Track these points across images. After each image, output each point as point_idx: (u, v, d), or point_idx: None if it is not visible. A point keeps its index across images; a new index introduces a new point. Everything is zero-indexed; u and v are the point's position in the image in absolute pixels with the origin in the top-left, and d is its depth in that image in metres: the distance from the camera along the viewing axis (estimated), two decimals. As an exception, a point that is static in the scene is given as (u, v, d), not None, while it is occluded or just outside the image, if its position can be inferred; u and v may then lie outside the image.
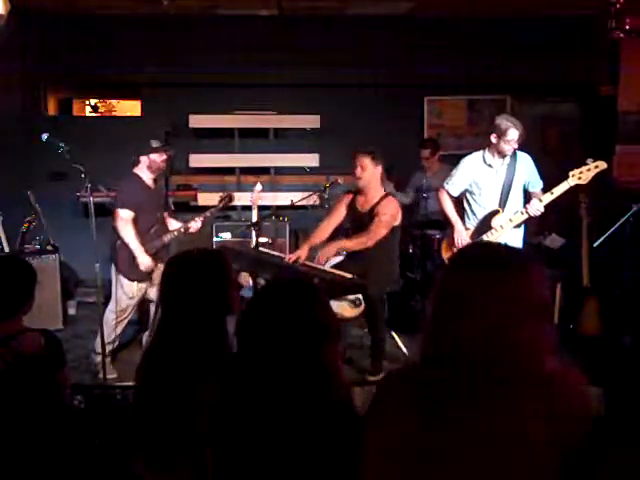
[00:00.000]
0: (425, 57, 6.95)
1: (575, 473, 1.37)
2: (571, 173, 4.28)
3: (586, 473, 1.38)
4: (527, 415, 1.35)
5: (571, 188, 4.32)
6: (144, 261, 4.52)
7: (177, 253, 2.20)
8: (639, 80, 6.33)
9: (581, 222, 4.89)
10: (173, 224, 4.91)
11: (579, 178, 4.28)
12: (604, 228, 5.09)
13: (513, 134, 4.27)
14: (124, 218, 4.46)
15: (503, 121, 4.34)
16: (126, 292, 4.56)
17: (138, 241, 4.51)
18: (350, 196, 4.73)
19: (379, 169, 4.50)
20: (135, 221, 4.51)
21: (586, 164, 4.28)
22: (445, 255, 4.69)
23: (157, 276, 4.60)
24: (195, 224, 4.86)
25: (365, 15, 6.76)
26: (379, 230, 4.39)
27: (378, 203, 4.46)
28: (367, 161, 4.45)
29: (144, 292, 4.67)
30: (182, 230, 4.84)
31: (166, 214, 4.90)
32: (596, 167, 4.27)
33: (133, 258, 4.51)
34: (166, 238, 4.72)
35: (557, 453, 1.35)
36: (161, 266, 4.59)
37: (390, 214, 4.41)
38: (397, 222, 4.49)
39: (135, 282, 4.58)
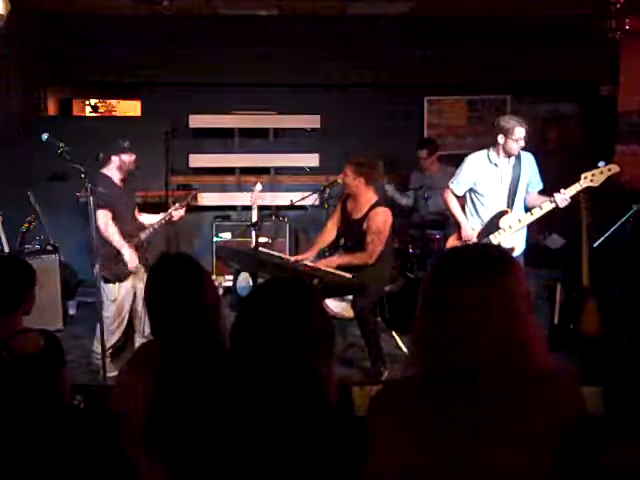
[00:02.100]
0: (425, 57, 6.95)
1: (575, 472, 1.37)
2: (583, 175, 4.26)
3: (586, 472, 1.38)
4: (532, 411, 1.36)
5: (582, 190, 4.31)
6: (131, 258, 4.50)
7: (155, 262, 2.22)
8: (639, 80, 6.32)
9: (581, 222, 4.88)
10: (149, 219, 4.84)
11: (591, 180, 4.26)
12: (604, 228, 5.09)
13: (520, 132, 4.26)
14: (105, 218, 4.42)
15: (508, 120, 4.34)
16: (109, 296, 4.52)
17: (122, 239, 4.48)
18: (343, 199, 4.80)
19: (361, 180, 4.52)
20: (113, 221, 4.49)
21: (598, 167, 4.27)
22: None
23: (141, 275, 4.61)
24: (177, 212, 4.77)
25: (365, 15, 6.76)
26: (376, 248, 4.47)
27: (367, 215, 4.52)
28: (349, 170, 4.52)
29: (133, 292, 4.63)
30: (165, 220, 4.78)
31: (137, 213, 4.84)
32: (609, 170, 4.25)
33: (111, 259, 4.47)
34: (143, 235, 4.69)
35: (558, 446, 1.35)
36: (140, 266, 4.62)
37: (380, 230, 4.47)
38: (388, 229, 4.54)
39: (117, 284, 4.55)
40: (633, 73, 6.35)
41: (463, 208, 4.62)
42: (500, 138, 4.34)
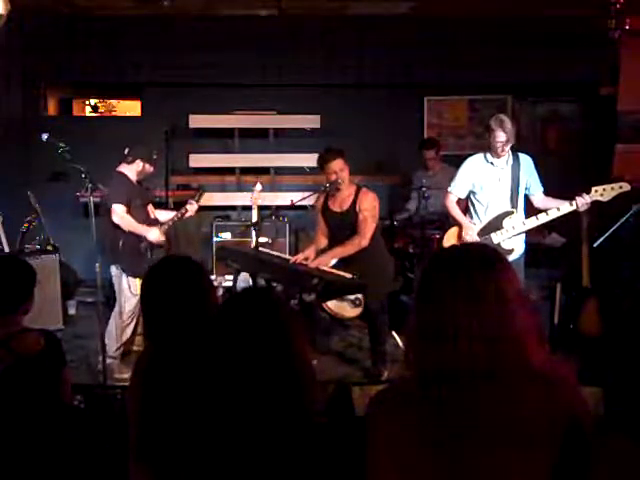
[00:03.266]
0: (425, 57, 6.95)
1: (575, 473, 1.37)
2: (594, 188, 4.28)
3: (586, 473, 1.38)
4: (532, 412, 1.35)
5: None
6: (154, 234, 4.62)
7: (155, 263, 2.21)
8: (639, 80, 6.33)
9: (581, 222, 4.88)
10: (164, 215, 4.96)
11: (601, 195, 4.29)
12: (604, 228, 5.09)
13: (499, 136, 4.26)
14: (120, 212, 4.52)
15: (493, 121, 4.35)
16: (133, 290, 4.59)
17: (139, 224, 4.61)
18: (320, 201, 4.72)
19: (348, 167, 4.51)
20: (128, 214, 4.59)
21: (610, 182, 4.30)
22: None
23: None
24: (192, 207, 4.91)
25: (365, 15, 6.75)
26: (368, 226, 4.41)
27: (356, 199, 4.47)
28: (342, 163, 4.45)
29: None
30: (179, 216, 4.89)
31: (150, 208, 4.92)
32: (620, 188, 4.29)
33: (139, 254, 4.57)
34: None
35: (558, 446, 1.35)
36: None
37: (372, 206, 4.44)
38: (378, 210, 4.53)
39: (138, 279, 4.59)
40: (633, 73, 6.35)
41: (465, 211, 4.62)
42: (488, 136, 4.36)
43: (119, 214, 4.51)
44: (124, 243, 4.54)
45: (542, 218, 4.39)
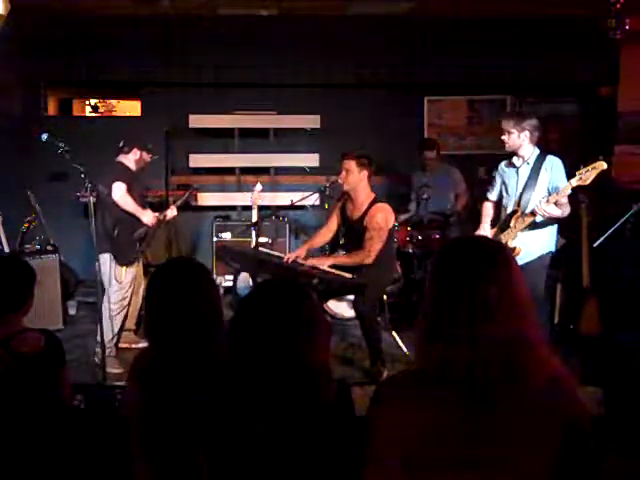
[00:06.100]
0: (425, 57, 6.95)
1: (576, 472, 1.37)
2: (577, 173, 4.24)
3: (587, 472, 1.38)
4: (532, 415, 1.36)
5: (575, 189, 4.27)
6: (148, 217, 4.76)
7: (161, 265, 2.20)
8: (639, 80, 6.33)
9: (581, 222, 4.88)
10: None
11: (580, 179, 4.23)
12: (604, 228, 5.09)
13: (502, 125, 4.26)
14: (123, 189, 4.61)
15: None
16: (117, 277, 4.68)
17: (137, 205, 4.72)
18: (343, 199, 4.73)
19: (365, 173, 4.47)
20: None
21: (585, 165, 4.24)
22: None
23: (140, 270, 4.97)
24: (171, 212, 5.07)
25: (365, 15, 6.76)
26: (374, 246, 4.38)
27: (367, 212, 4.43)
28: (352, 165, 4.44)
29: (134, 282, 4.81)
30: (161, 218, 4.99)
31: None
32: (593, 168, 4.20)
33: (126, 244, 4.67)
34: (141, 230, 4.87)
35: (559, 449, 1.35)
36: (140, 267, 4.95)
37: (380, 226, 4.39)
38: (389, 226, 4.48)
39: (124, 267, 4.71)
40: (633, 73, 6.35)
41: (498, 214, 4.54)
42: None
43: (121, 191, 4.59)
44: (119, 232, 4.61)
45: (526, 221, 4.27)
